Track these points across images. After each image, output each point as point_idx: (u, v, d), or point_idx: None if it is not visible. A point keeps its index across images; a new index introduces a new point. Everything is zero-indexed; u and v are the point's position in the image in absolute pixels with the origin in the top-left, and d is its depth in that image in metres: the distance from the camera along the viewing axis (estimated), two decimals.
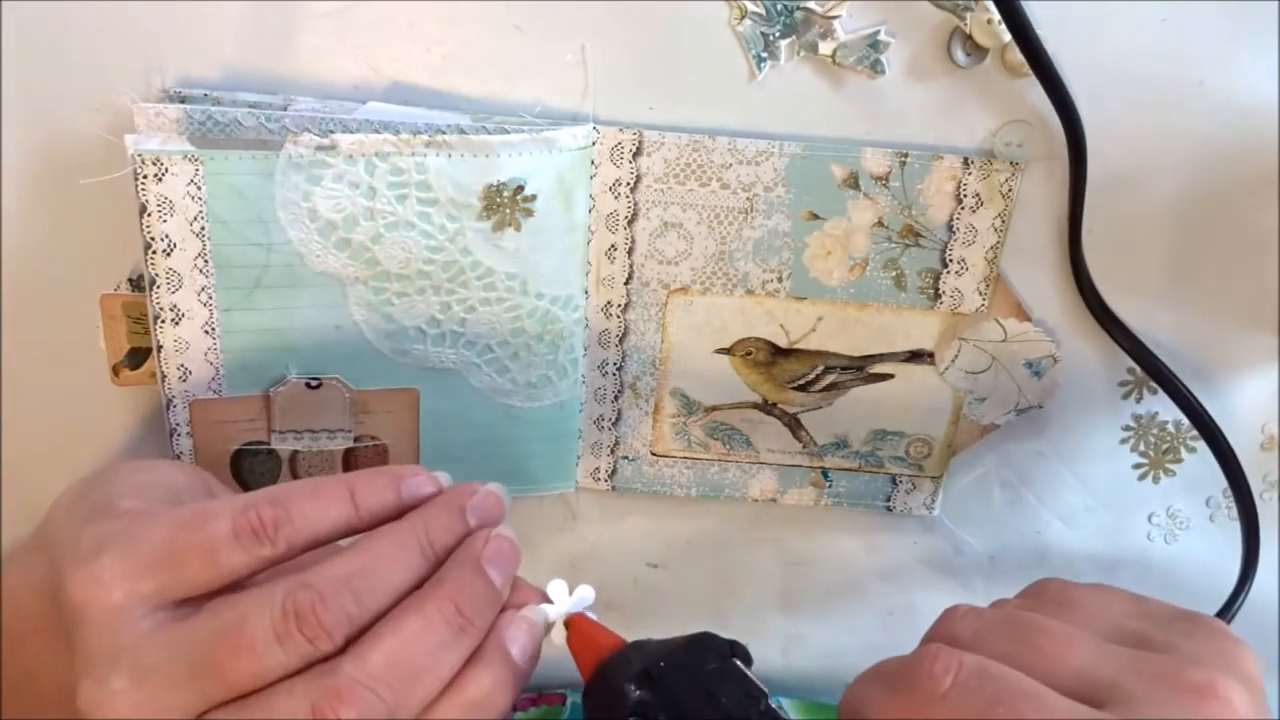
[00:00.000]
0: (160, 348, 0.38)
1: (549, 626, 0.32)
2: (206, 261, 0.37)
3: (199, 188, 0.35)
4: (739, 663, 0.31)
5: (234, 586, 0.29)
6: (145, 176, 0.35)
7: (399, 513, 0.32)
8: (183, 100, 0.36)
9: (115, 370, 0.40)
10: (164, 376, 0.38)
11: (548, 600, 0.33)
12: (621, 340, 0.43)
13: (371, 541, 0.30)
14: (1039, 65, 0.36)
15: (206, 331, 0.38)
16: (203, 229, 0.36)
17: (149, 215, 0.35)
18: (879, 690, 0.30)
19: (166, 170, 0.35)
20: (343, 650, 0.28)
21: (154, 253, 0.36)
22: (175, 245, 0.36)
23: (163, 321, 0.37)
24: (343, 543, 0.31)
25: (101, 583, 0.28)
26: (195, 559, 0.29)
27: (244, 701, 0.28)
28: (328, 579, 0.29)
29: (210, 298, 0.37)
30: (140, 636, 0.28)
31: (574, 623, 0.32)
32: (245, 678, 0.28)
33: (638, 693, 0.29)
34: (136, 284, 0.39)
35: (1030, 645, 0.29)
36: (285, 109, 0.36)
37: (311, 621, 0.28)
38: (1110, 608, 0.32)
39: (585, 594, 0.33)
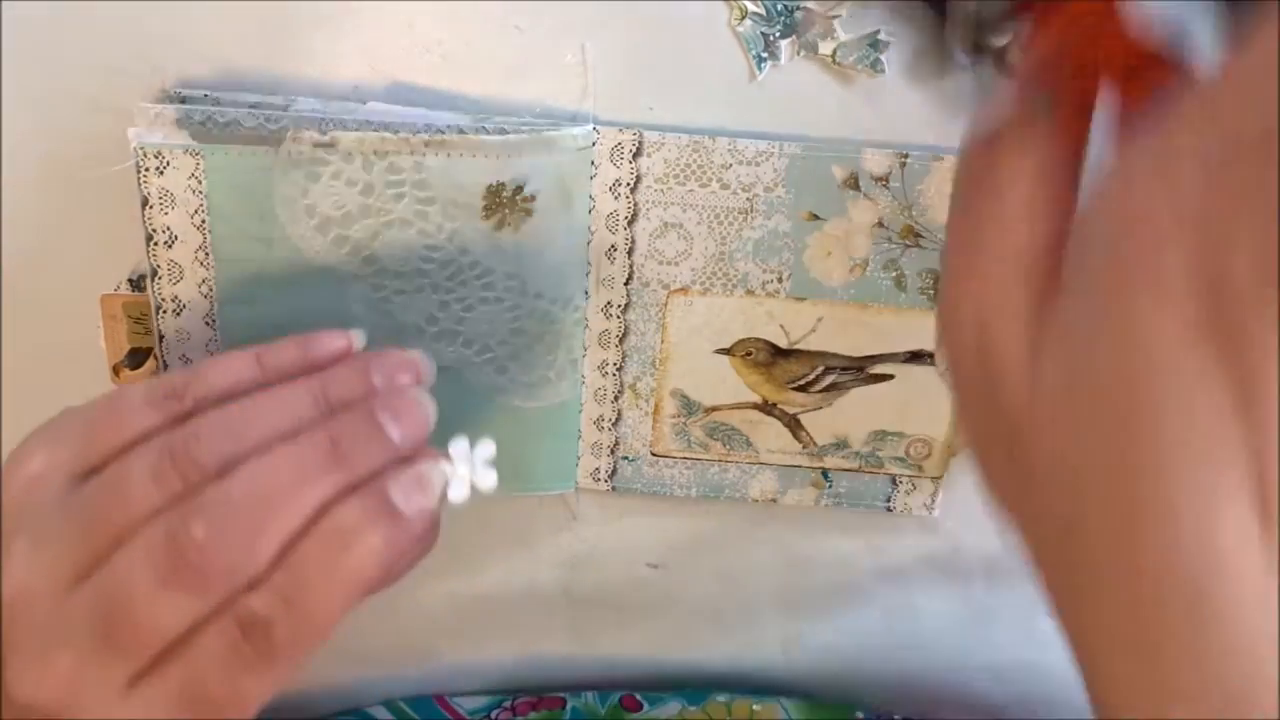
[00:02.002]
0: (162, 338, 0.38)
1: (446, 484, 0.30)
2: (207, 254, 0.37)
3: (199, 182, 0.36)
4: None
5: None
6: (147, 169, 0.35)
7: (306, 372, 0.31)
8: (183, 100, 0.36)
9: (115, 370, 0.40)
10: (165, 367, 0.38)
11: (448, 460, 0.30)
12: (621, 341, 0.43)
13: (263, 390, 0.30)
14: None
15: (208, 323, 0.38)
16: (203, 222, 0.36)
17: (150, 208, 0.36)
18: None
19: (168, 164, 0.35)
20: None
21: (155, 244, 0.36)
22: (176, 238, 0.36)
23: (164, 312, 0.37)
24: None
25: (25, 453, 0.29)
26: (109, 422, 0.29)
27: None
28: (208, 420, 0.28)
29: (211, 290, 0.37)
30: (48, 503, 0.28)
31: None
32: (124, 521, 0.27)
33: None
34: (136, 284, 0.39)
35: None
36: (285, 109, 0.36)
37: (184, 458, 0.28)
38: None
39: (486, 450, 0.31)
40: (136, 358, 0.40)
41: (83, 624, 0.27)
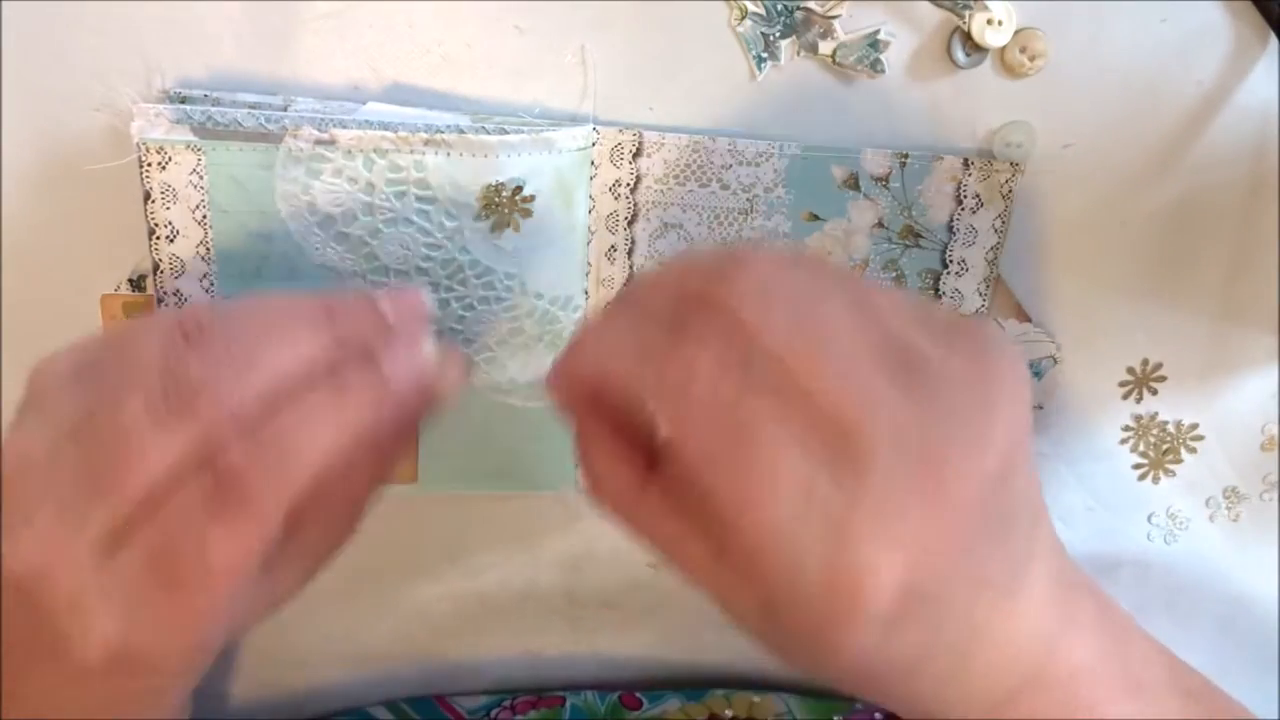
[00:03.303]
0: None
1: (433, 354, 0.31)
2: (209, 249, 0.37)
3: (201, 177, 0.36)
4: None
5: None
6: (149, 164, 0.36)
7: None
8: (183, 101, 0.36)
9: None
10: None
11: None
12: None
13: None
14: None
15: None
16: (204, 217, 0.37)
17: (153, 202, 0.36)
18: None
19: (170, 159, 0.36)
20: None
21: (158, 239, 0.37)
22: (178, 232, 0.37)
23: (166, 305, 0.38)
24: None
25: (53, 360, 0.30)
26: (136, 338, 0.30)
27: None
28: (221, 305, 0.30)
29: (213, 284, 0.38)
30: (61, 390, 0.29)
31: None
32: (125, 380, 0.28)
33: None
34: (137, 284, 0.39)
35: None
36: (285, 110, 0.36)
37: (191, 325, 0.28)
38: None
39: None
40: None
41: (69, 471, 0.27)
